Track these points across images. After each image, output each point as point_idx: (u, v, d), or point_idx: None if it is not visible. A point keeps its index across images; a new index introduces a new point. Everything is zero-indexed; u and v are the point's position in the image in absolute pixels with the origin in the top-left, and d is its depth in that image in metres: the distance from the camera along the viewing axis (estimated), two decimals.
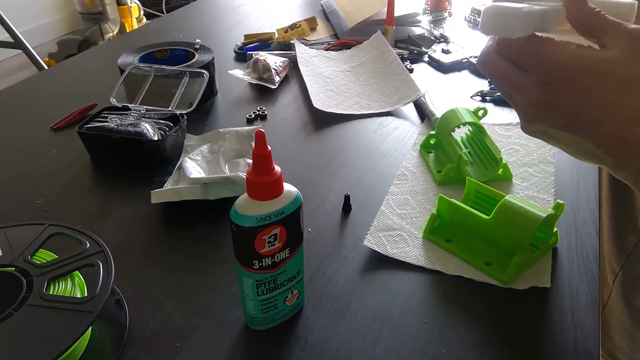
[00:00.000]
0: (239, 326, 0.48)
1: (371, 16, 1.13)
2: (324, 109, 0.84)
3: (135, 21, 3.38)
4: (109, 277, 0.44)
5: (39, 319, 0.41)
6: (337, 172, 0.70)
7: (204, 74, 0.81)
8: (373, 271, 0.54)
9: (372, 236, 0.57)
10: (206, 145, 0.72)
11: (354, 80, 0.95)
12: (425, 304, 0.50)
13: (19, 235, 0.50)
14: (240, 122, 0.82)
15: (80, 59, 1.14)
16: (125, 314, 0.49)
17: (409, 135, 0.78)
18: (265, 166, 0.40)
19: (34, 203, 0.65)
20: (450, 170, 0.65)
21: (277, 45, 1.09)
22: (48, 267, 0.46)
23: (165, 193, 0.61)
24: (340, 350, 0.45)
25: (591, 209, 0.61)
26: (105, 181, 0.70)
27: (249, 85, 0.94)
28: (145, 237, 0.59)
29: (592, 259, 0.54)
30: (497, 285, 0.51)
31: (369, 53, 1.02)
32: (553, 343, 0.45)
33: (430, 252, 0.55)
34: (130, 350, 0.46)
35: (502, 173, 0.65)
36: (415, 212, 0.61)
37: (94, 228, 0.55)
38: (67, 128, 0.82)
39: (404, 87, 0.88)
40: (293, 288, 0.47)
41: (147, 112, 0.75)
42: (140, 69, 0.83)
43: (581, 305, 0.49)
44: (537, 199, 0.63)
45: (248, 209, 0.41)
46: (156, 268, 0.55)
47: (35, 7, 3.47)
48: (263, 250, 0.42)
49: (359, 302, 0.50)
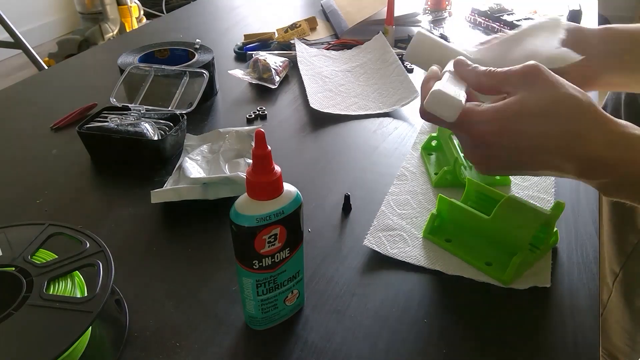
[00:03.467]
0: (239, 326, 0.48)
1: (371, 16, 1.13)
2: (321, 109, 0.84)
3: (135, 21, 3.38)
4: (109, 277, 0.44)
5: (39, 319, 0.41)
6: (337, 172, 0.70)
7: (204, 74, 0.81)
8: (373, 271, 0.54)
9: (372, 236, 0.57)
10: (206, 145, 0.72)
11: (353, 81, 0.95)
12: (425, 304, 0.50)
13: (19, 235, 0.50)
14: (240, 122, 0.82)
15: (80, 59, 1.14)
16: (125, 314, 0.49)
17: (409, 136, 0.78)
18: (265, 166, 0.40)
19: (34, 203, 0.65)
20: (446, 173, 0.65)
21: (277, 45, 1.09)
22: (48, 267, 0.46)
23: (165, 193, 0.61)
24: (340, 350, 0.45)
25: (591, 209, 0.61)
26: (105, 181, 0.70)
27: (249, 85, 0.94)
28: (145, 237, 0.59)
29: (592, 259, 0.54)
30: (497, 285, 0.51)
31: (370, 54, 1.02)
32: (553, 343, 0.45)
33: (430, 252, 0.55)
34: (130, 350, 0.46)
35: (500, 178, 0.65)
36: (415, 212, 0.61)
37: (94, 228, 0.55)
38: (67, 128, 0.82)
39: (402, 89, 0.88)
40: (293, 288, 0.47)
41: (147, 112, 0.75)
42: (140, 69, 0.83)
43: (581, 305, 0.49)
44: (537, 199, 0.63)
45: (248, 209, 0.41)
46: (156, 268, 0.55)
47: (35, 7, 3.47)
48: (263, 250, 0.42)
49: (359, 302, 0.50)
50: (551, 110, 0.39)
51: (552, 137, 0.39)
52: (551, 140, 0.39)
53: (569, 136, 0.39)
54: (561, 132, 0.39)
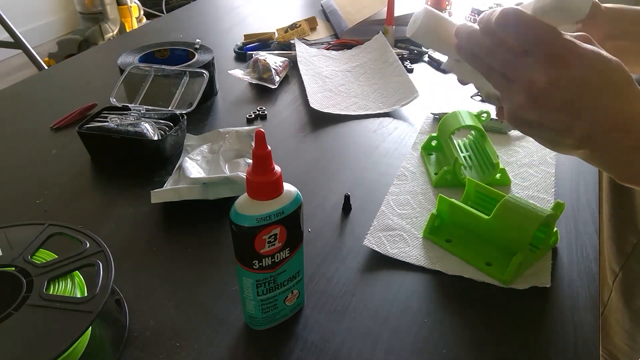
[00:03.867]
0: (239, 326, 0.48)
1: (371, 16, 1.13)
2: (321, 109, 0.84)
3: (135, 21, 3.37)
4: (109, 277, 0.44)
5: (39, 319, 0.41)
6: (337, 172, 0.70)
7: (204, 74, 0.81)
8: (373, 271, 0.54)
9: (372, 236, 0.57)
10: (206, 145, 0.72)
11: (353, 81, 0.95)
12: (425, 304, 0.50)
13: (19, 235, 0.50)
14: (240, 122, 0.82)
15: (80, 59, 1.14)
16: (125, 314, 0.49)
17: (409, 136, 0.78)
18: (265, 166, 0.40)
19: (34, 203, 0.65)
20: (446, 173, 0.65)
21: (277, 45, 1.09)
22: (48, 267, 0.46)
23: (165, 193, 0.61)
24: (340, 350, 0.45)
25: (591, 209, 0.61)
26: (105, 181, 0.70)
27: (249, 85, 0.94)
28: (145, 237, 0.59)
29: (592, 259, 0.54)
30: (497, 285, 0.51)
31: (370, 54, 1.02)
32: (553, 343, 0.45)
33: (430, 252, 0.55)
34: (130, 350, 0.46)
35: (501, 178, 0.65)
36: (415, 212, 0.61)
37: (94, 228, 0.55)
38: (67, 128, 0.82)
39: (402, 89, 0.88)
40: (293, 288, 0.47)
41: (147, 112, 0.75)
42: (140, 69, 0.83)
43: (581, 305, 0.49)
44: (537, 199, 0.63)
45: (248, 209, 0.41)
46: (156, 268, 0.55)
47: (35, 7, 3.47)
48: (263, 250, 0.42)
49: (359, 302, 0.50)
50: (611, 66, 0.39)
51: (608, 86, 0.39)
52: (606, 89, 0.38)
53: (619, 91, 0.39)
54: (615, 86, 0.39)
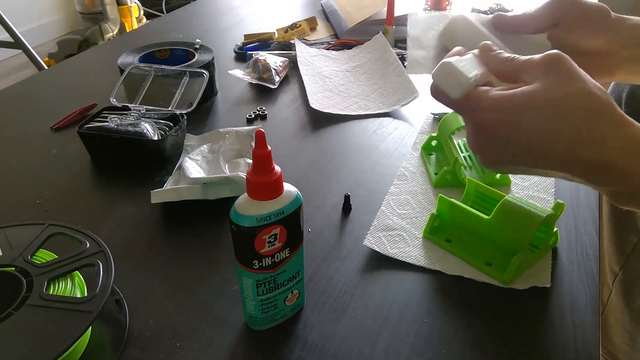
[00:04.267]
0: (239, 326, 0.48)
1: (371, 16, 1.13)
2: (321, 109, 0.84)
3: (135, 21, 3.37)
4: (109, 277, 0.44)
5: (39, 319, 0.41)
6: (337, 172, 0.70)
7: (204, 74, 0.81)
8: (373, 271, 0.54)
9: (372, 236, 0.57)
10: (206, 145, 0.72)
11: (353, 81, 0.95)
12: (425, 304, 0.50)
13: (19, 235, 0.50)
14: (240, 122, 0.82)
15: (80, 59, 1.14)
16: (125, 314, 0.49)
17: (409, 136, 0.78)
18: (265, 166, 0.40)
19: (34, 203, 0.65)
20: (446, 173, 0.65)
21: (277, 45, 1.09)
22: (48, 267, 0.46)
23: (165, 193, 0.61)
24: (340, 350, 0.45)
25: (591, 209, 0.61)
26: (105, 181, 0.70)
27: (249, 85, 0.94)
28: (145, 237, 0.59)
29: (592, 259, 0.54)
30: (497, 285, 0.51)
31: (370, 54, 1.02)
32: (553, 343, 0.45)
33: (430, 252, 0.55)
34: (130, 350, 0.46)
35: (501, 178, 0.65)
36: (415, 212, 0.61)
37: (94, 228, 0.55)
38: (67, 128, 0.82)
39: (402, 89, 0.88)
40: (293, 288, 0.47)
41: (147, 112, 0.75)
42: (140, 69, 0.83)
43: (581, 305, 0.49)
44: (537, 199, 0.63)
45: (248, 208, 0.41)
46: (156, 268, 0.55)
47: (35, 7, 3.47)
48: (263, 250, 0.42)
49: (359, 302, 0.50)
50: (563, 105, 0.36)
51: (561, 135, 0.36)
52: (560, 139, 0.36)
53: (580, 136, 0.36)
54: (572, 131, 0.36)
